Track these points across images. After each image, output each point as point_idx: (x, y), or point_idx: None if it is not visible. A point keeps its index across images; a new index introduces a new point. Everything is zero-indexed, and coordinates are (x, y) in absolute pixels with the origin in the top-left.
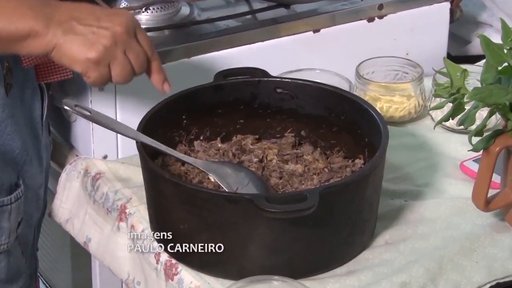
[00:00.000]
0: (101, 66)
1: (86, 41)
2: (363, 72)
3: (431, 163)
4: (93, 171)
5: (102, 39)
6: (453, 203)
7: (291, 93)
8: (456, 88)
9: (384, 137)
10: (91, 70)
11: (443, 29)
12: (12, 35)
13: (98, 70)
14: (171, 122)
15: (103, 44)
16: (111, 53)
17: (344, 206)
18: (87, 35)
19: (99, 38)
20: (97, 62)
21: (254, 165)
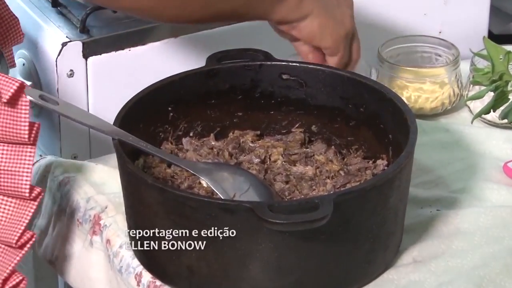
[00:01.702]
0: (348, 42)
1: (336, 15)
2: (387, 55)
3: (469, 164)
4: (60, 174)
5: (347, 11)
6: (495, 212)
7: (299, 79)
8: (499, 74)
9: (412, 133)
10: (342, 45)
11: (483, 2)
12: None
13: (347, 46)
14: (155, 115)
15: (350, 17)
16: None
17: (364, 216)
18: (334, 9)
19: (344, 11)
20: (347, 37)
21: (255, 167)
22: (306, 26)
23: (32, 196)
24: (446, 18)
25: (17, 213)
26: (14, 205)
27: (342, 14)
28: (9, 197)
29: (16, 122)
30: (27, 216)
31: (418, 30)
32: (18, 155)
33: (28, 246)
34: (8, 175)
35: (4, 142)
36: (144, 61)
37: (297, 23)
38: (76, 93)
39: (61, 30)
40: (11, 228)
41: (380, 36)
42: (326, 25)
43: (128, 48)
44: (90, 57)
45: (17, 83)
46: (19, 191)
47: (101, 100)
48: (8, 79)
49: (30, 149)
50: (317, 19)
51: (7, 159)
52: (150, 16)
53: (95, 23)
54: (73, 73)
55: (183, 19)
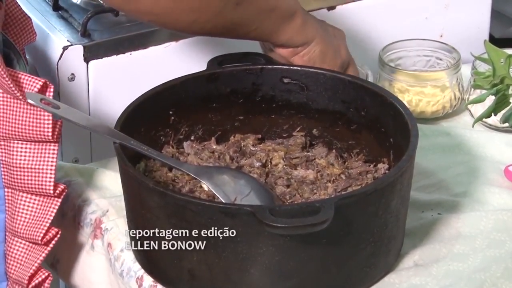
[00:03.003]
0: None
1: (334, 44)
2: (388, 58)
3: (470, 168)
4: (61, 177)
5: (342, 42)
6: (496, 216)
7: (300, 83)
8: (500, 78)
9: (413, 137)
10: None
11: (484, 5)
12: (282, 8)
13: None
14: (156, 119)
15: (345, 48)
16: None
17: (365, 220)
18: (331, 38)
19: (339, 42)
20: (342, 68)
21: (256, 171)
22: (309, 51)
23: (57, 193)
24: (447, 22)
25: (42, 210)
26: (39, 203)
27: (338, 45)
28: (33, 195)
29: (39, 120)
30: (52, 213)
31: (419, 34)
32: (42, 153)
33: (53, 243)
34: (33, 173)
35: (28, 140)
36: (145, 65)
37: (301, 47)
38: (77, 96)
39: (62, 34)
40: (36, 226)
41: (381, 39)
42: (326, 53)
43: (129, 52)
44: (91, 61)
45: (40, 82)
46: (43, 188)
47: (102, 103)
48: (31, 78)
49: (53, 147)
50: (319, 46)
51: (31, 157)
52: (164, 21)
53: (96, 27)
54: (74, 77)
55: (196, 28)
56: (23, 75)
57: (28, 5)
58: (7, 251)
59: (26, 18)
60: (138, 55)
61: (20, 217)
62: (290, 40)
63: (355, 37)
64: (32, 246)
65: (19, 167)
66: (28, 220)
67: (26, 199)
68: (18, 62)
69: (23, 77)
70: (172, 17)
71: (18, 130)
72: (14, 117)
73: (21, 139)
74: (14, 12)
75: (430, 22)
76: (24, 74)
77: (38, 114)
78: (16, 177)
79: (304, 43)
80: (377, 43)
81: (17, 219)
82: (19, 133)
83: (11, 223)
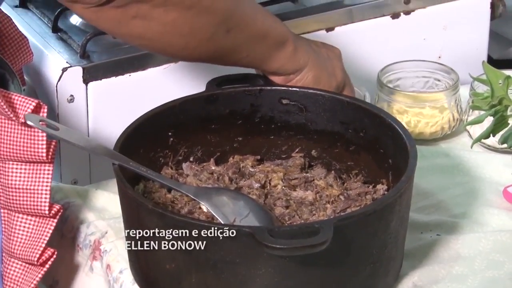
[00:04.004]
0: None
1: (328, 67)
2: (386, 80)
3: (469, 189)
4: (60, 199)
5: (337, 63)
6: (495, 237)
7: (299, 104)
8: (498, 99)
9: (411, 158)
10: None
11: (482, 27)
12: (274, 36)
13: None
14: (155, 140)
15: (340, 68)
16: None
17: (364, 241)
18: (325, 61)
19: (335, 63)
20: (338, 89)
21: (255, 192)
22: (301, 78)
23: (52, 214)
24: (446, 43)
25: (38, 231)
26: (34, 223)
27: (333, 66)
28: (29, 215)
29: (33, 141)
30: (47, 234)
31: (417, 55)
32: (36, 174)
33: (49, 263)
34: (28, 194)
35: (23, 161)
36: (144, 86)
37: (293, 75)
38: (77, 118)
39: (61, 56)
40: (32, 246)
41: (380, 61)
42: (320, 77)
43: (128, 73)
44: (90, 82)
45: (33, 103)
46: (38, 209)
47: (101, 125)
48: (24, 99)
49: (48, 167)
50: (312, 71)
51: (26, 178)
52: (155, 46)
53: (95, 49)
54: (73, 98)
55: (187, 53)
56: (16, 96)
57: (27, 27)
58: (4, 272)
59: (23, 38)
60: (137, 77)
61: (16, 237)
62: (281, 68)
63: (354, 58)
64: (28, 267)
65: (14, 188)
66: (24, 240)
67: (22, 219)
68: (13, 83)
69: (16, 98)
70: (163, 41)
71: (13, 151)
72: (8, 138)
73: (16, 160)
74: (11, 33)
75: (429, 43)
76: (17, 95)
77: (32, 135)
78: (12, 198)
79: (296, 70)
80: (376, 64)
81: (13, 240)
82: (14, 154)
83: (8, 243)
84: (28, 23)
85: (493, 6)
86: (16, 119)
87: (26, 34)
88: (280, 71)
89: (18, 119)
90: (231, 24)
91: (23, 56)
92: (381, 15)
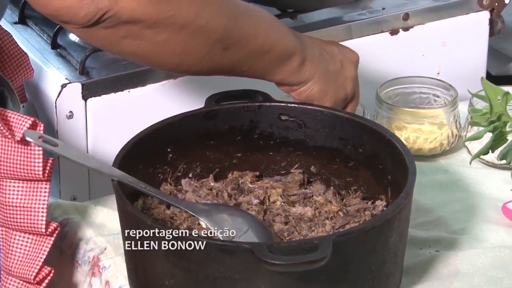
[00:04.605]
0: (345, 102)
1: (337, 80)
2: (385, 96)
3: (468, 205)
4: (59, 215)
5: (350, 73)
6: (494, 253)
7: (298, 120)
8: (497, 115)
9: (410, 174)
10: (339, 106)
11: (481, 43)
12: (277, 50)
13: (342, 106)
14: (154, 156)
15: (352, 80)
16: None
17: (363, 257)
18: (336, 74)
19: (347, 74)
20: (345, 101)
21: (254, 208)
22: (306, 90)
23: (49, 232)
24: (444, 60)
25: (35, 249)
26: (32, 241)
27: (344, 77)
28: (26, 233)
29: (29, 159)
30: (44, 252)
31: (416, 71)
32: (33, 192)
33: (46, 282)
34: (24, 212)
35: (19, 179)
36: (144, 103)
37: (297, 86)
38: (76, 134)
39: (60, 72)
40: (29, 264)
41: (379, 77)
42: (326, 91)
43: (128, 89)
44: (89, 99)
45: (29, 121)
46: (35, 227)
47: (101, 141)
48: (20, 117)
49: (44, 185)
50: (317, 85)
51: (22, 196)
52: (151, 62)
53: (94, 65)
54: (72, 114)
55: (183, 69)
56: (12, 114)
57: (26, 43)
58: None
59: (23, 54)
60: (136, 93)
61: (14, 255)
62: (284, 80)
63: None
64: (26, 285)
65: (12, 206)
66: (22, 258)
67: (19, 237)
68: (12, 100)
69: (12, 116)
70: (156, 59)
71: (10, 169)
72: (5, 156)
73: (13, 178)
74: (11, 49)
75: (427, 59)
76: (13, 113)
77: (29, 153)
78: (9, 216)
79: (300, 82)
80: (375, 80)
81: (11, 258)
82: (10, 172)
83: (6, 261)
84: (28, 40)
85: (492, 22)
86: (11, 137)
87: (26, 50)
88: (282, 82)
89: (14, 137)
90: (229, 42)
91: (23, 73)
92: (380, 31)
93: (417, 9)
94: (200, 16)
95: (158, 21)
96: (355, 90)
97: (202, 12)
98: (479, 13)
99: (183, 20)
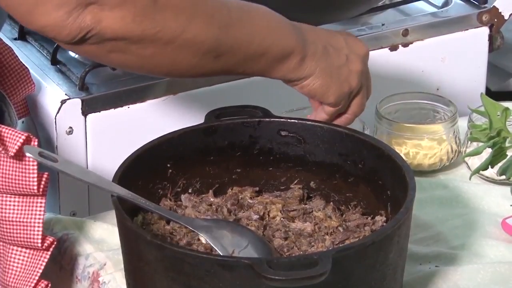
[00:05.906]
0: (350, 98)
1: (341, 74)
2: (385, 111)
3: (468, 220)
4: (59, 231)
5: (355, 67)
6: (493, 269)
7: (298, 136)
8: (496, 131)
9: (410, 190)
10: (343, 102)
11: (480, 59)
12: (274, 52)
13: (348, 101)
14: (154, 172)
15: (358, 74)
16: (361, 84)
17: (363, 272)
18: (340, 67)
19: (353, 68)
20: (350, 95)
21: (254, 223)
22: (307, 84)
23: (45, 246)
24: (444, 75)
25: (31, 263)
26: (28, 256)
27: (349, 72)
28: (23, 248)
29: (24, 174)
30: (41, 266)
31: (416, 87)
32: (28, 207)
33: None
34: (21, 226)
35: (14, 194)
36: (143, 118)
37: (298, 81)
38: (75, 150)
39: (60, 88)
40: (25, 279)
41: (378, 92)
42: (329, 85)
43: (127, 105)
44: (89, 114)
45: (23, 136)
46: (31, 241)
47: (100, 157)
48: (14, 133)
49: (40, 200)
50: (319, 79)
51: (18, 210)
52: (141, 72)
53: (94, 81)
54: (72, 130)
55: (175, 76)
56: (5, 129)
57: (26, 59)
58: None
59: (24, 69)
60: (136, 108)
61: (11, 270)
62: (283, 77)
63: None
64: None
65: (8, 221)
66: (19, 273)
67: (16, 252)
68: (9, 115)
69: (5, 131)
70: (145, 70)
71: (5, 184)
72: (0, 171)
73: (8, 193)
74: (11, 63)
75: (427, 75)
76: (7, 128)
77: (23, 168)
78: (6, 230)
79: (300, 78)
80: (374, 96)
81: (8, 272)
82: (6, 187)
83: (3, 276)
84: (27, 56)
85: (491, 38)
86: (5, 153)
87: (25, 65)
88: (282, 79)
89: (7, 152)
90: (220, 51)
91: (24, 87)
92: (380, 47)
93: (416, 25)
94: (187, 30)
95: (144, 38)
96: (362, 83)
97: (190, 26)
98: (479, 29)
99: (170, 35)
